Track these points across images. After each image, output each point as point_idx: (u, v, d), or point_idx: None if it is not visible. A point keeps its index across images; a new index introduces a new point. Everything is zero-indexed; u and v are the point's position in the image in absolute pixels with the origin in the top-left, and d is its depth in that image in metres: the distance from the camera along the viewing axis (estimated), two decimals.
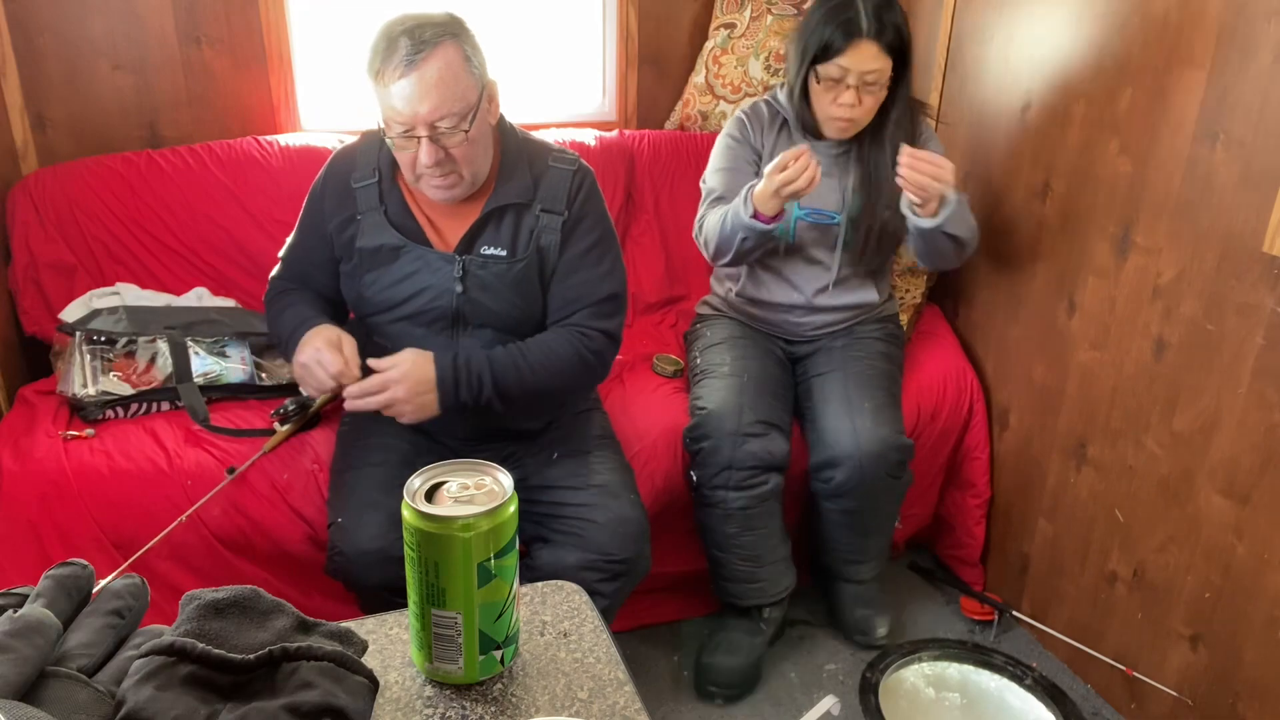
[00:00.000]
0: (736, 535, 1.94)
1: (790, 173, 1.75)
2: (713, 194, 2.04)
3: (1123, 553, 1.94)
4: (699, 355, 2.14)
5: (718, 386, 2.00)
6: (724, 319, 2.19)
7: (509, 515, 0.70)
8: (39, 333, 2.03)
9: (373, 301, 1.69)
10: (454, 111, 1.49)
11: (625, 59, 2.56)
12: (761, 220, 1.85)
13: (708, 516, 1.96)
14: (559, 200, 1.65)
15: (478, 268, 1.63)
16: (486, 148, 1.60)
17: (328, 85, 2.37)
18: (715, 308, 2.25)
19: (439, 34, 1.47)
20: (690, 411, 2.02)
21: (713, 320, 2.21)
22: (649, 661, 2.07)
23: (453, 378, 1.59)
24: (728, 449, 1.90)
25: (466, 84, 1.50)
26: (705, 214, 2.03)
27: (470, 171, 1.57)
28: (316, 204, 1.72)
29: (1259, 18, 1.56)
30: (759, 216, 1.85)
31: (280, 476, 1.75)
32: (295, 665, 0.61)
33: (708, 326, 2.19)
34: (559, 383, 1.68)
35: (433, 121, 1.48)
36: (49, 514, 1.66)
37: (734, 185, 1.99)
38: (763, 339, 2.15)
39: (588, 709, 0.70)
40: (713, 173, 2.08)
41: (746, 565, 1.97)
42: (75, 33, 2.14)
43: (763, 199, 1.82)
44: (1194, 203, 1.71)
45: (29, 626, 0.57)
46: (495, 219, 1.64)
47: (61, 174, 2.07)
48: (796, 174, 1.75)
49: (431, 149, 1.51)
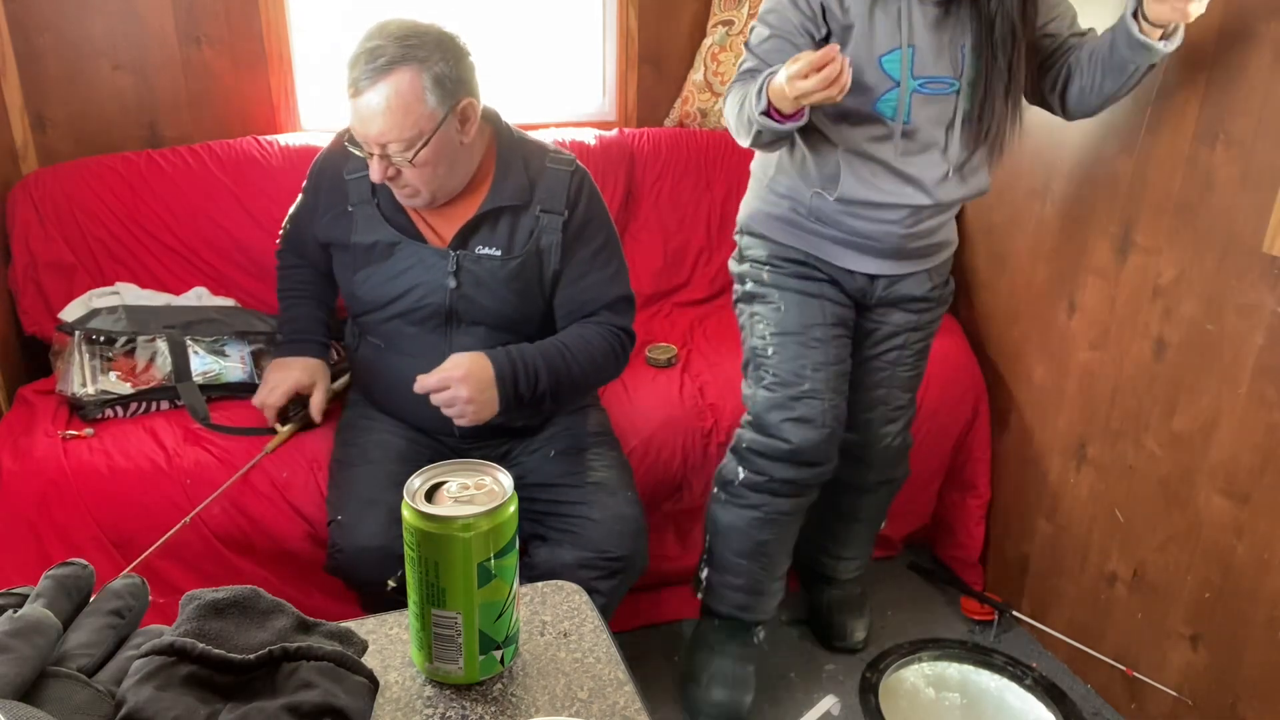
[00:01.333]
0: (768, 544, 1.79)
1: (811, 83, 1.36)
2: (743, 65, 1.62)
3: (1123, 553, 1.94)
4: (771, 317, 1.76)
5: (812, 361, 1.72)
6: (791, 264, 1.76)
7: (509, 515, 0.70)
8: (38, 332, 2.03)
9: (365, 299, 1.69)
10: (400, 139, 1.50)
11: (625, 58, 2.56)
12: (776, 118, 1.48)
13: (738, 519, 1.78)
14: (558, 200, 1.65)
15: (471, 263, 1.63)
16: (452, 166, 1.59)
17: (328, 85, 2.37)
18: (778, 233, 1.77)
19: (398, 59, 1.47)
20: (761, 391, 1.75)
21: (778, 266, 1.77)
22: (649, 661, 2.07)
23: (511, 373, 1.59)
24: (825, 447, 1.72)
25: (419, 113, 1.49)
26: (730, 89, 1.62)
27: (428, 189, 1.59)
28: (313, 191, 1.75)
29: (1259, 18, 1.56)
30: (773, 113, 1.47)
31: (280, 475, 1.75)
32: (295, 665, 0.61)
33: (774, 275, 1.77)
34: (596, 377, 1.72)
35: (382, 143, 1.51)
36: (48, 513, 1.66)
37: (778, 57, 1.54)
38: (833, 299, 1.76)
39: (588, 709, 0.70)
40: (756, 33, 1.63)
41: (763, 576, 1.83)
42: (75, 33, 2.14)
43: (779, 96, 1.44)
44: (1194, 203, 1.71)
45: (29, 626, 0.57)
46: (491, 220, 1.64)
47: (61, 174, 2.07)
48: (820, 84, 1.36)
49: (380, 166, 1.54)
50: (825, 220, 1.70)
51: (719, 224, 2.50)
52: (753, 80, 1.55)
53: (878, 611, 2.22)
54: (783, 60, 1.47)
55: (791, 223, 1.74)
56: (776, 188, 1.75)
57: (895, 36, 1.55)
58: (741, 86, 1.59)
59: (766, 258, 1.78)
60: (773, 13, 1.59)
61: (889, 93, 1.57)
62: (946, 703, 1.93)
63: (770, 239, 1.78)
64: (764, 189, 1.78)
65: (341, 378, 1.92)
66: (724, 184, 2.49)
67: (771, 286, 1.77)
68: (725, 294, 2.55)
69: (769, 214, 1.77)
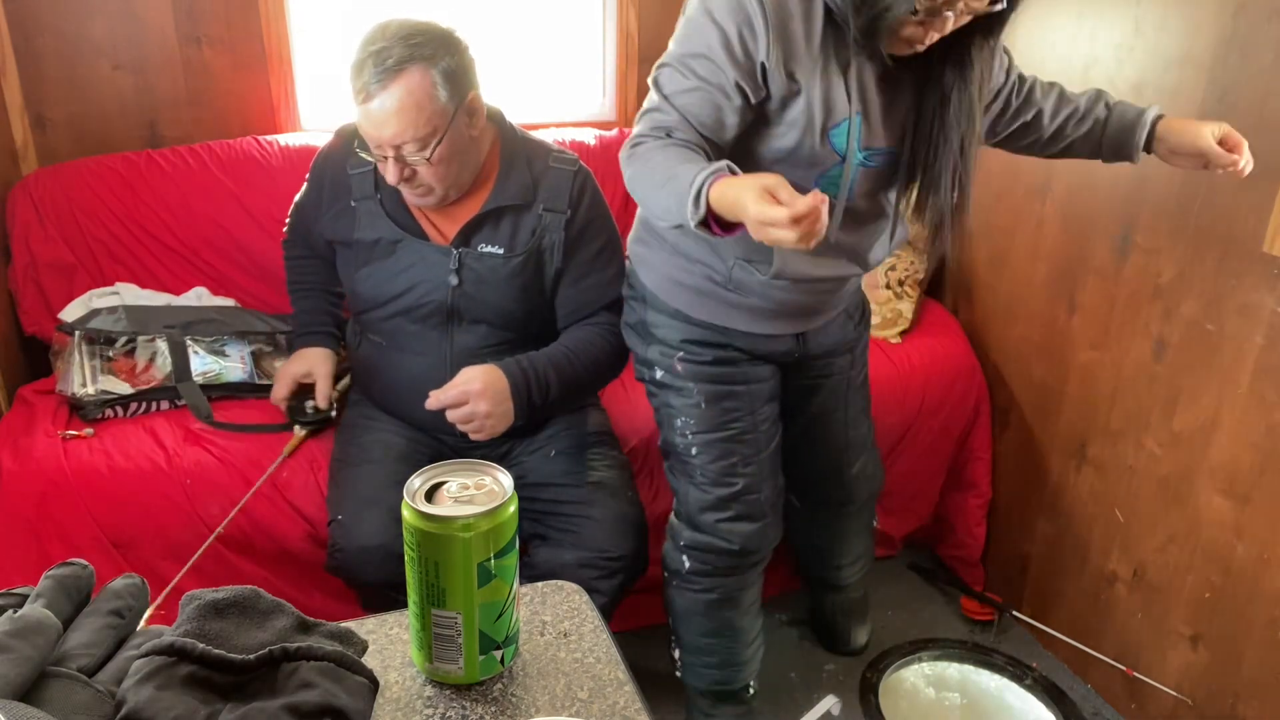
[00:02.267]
0: (731, 618, 1.69)
1: (788, 234, 1.06)
2: (656, 116, 1.30)
3: (1123, 553, 1.94)
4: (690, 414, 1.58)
5: (742, 455, 1.58)
6: (706, 348, 1.55)
7: (509, 515, 0.70)
8: (38, 332, 2.03)
9: (366, 296, 1.69)
10: (415, 138, 1.50)
11: (625, 58, 2.56)
12: (715, 230, 1.18)
13: (694, 603, 1.67)
14: (561, 199, 1.66)
15: (474, 261, 1.64)
16: (464, 161, 1.60)
17: (328, 85, 2.37)
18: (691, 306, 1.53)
19: (406, 59, 1.47)
20: (692, 490, 1.61)
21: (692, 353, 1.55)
22: (649, 661, 2.07)
23: (525, 384, 1.60)
24: (770, 532, 1.64)
25: (431, 110, 1.50)
26: (642, 146, 1.28)
27: (443, 186, 1.59)
28: (316, 185, 1.75)
29: (1259, 18, 1.56)
30: (712, 223, 1.17)
31: (280, 475, 1.75)
32: (295, 665, 0.61)
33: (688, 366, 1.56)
34: (599, 378, 1.75)
35: (396, 144, 1.51)
36: (48, 513, 1.66)
37: (704, 113, 1.28)
38: (756, 379, 1.60)
39: (588, 709, 0.70)
40: (672, 78, 1.31)
41: (735, 648, 1.72)
42: (75, 33, 2.14)
43: (729, 207, 1.13)
44: (1194, 203, 1.71)
45: (29, 626, 0.57)
46: (494, 219, 1.64)
47: (61, 174, 2.07)
48: (798, 240, 1.07)
49: (396, 168, 1.54)
50: (747, 291, 1.49)
51: None
52: (672, 148, 1.25)
53: (878, 611, 2.22)
54: (709, 118, 1.27)
55: (706, 294, 1.52)
56: (689, 251, 1.50)
57: (844, 105, 1.32)
58: (656, 151, 1.26)
59: (678, 341, 1.56)
60: (700, 59, 1.28)
61: (833, 168, 1.36)
62: (946, 703, 1.93)
63: (681, 315, 1.55)
64: (670, 250, 1.52)
65: (344, 378, 1.92)
66: None
67: (686, 379, 1.57)
68: None
69: (679, 282, 1.53)
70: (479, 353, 1.66)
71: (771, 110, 1.32)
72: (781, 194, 1.07)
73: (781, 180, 1.09)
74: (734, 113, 1.29)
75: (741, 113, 1.30)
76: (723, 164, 1.16)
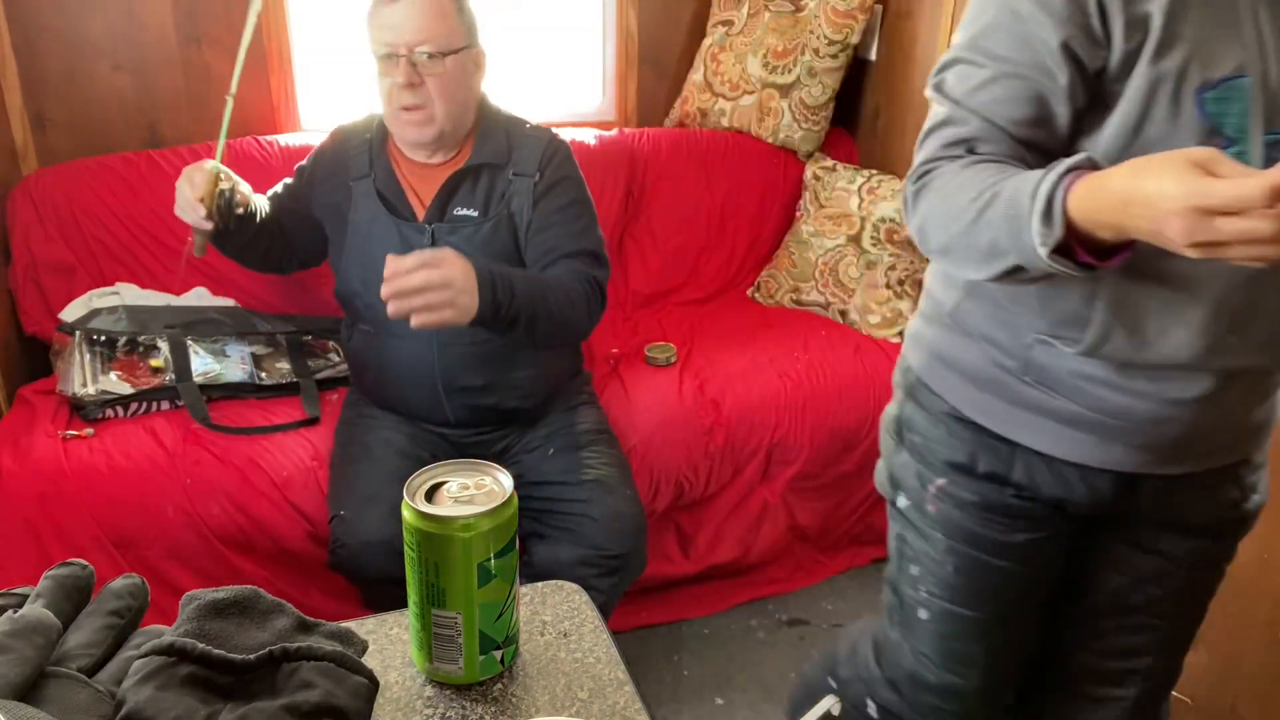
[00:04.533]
0: None
1: (1264, 225, 0.68)
2: (958, 130, 0.93)
3: None
4: (932, 570, 1.13)
5: (986, 646, 1.15)
6: (976, 480, 1.07)
7: (509, 515, 0.70)
8: (39, 332, 2.04)
9: (352, 280, 1.73)
10: (434, 40, 1.56)
11: (625, 58, 2.56)
12: (1083, 258, 0.82)
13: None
14: (530, 163, 1.69)
15: (447, 234, 1.66)
16: (466, 101, 1.65)
17: (328, 85, 2.37)
18: (962, 399, 1.07)
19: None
20: (908, 655, 1.21)
21: (956, 481, 1.08)
22: (649, 661, 2.07)
23: (489, 278, 1.50)
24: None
25: (453, 24, 1.59)
26: (933, 173, 0.94)
27: (443, 110, 1.61)
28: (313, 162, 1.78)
29: None
30: (1076, 247, 0.81)
31: (280, 473, 1.75)
32: (295, 665, 0.61)
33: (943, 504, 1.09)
34: (567, 313, 1.63)
35: (413, 45, 1.56)
36: (48, 513, 1.66)
37: (1016, 109, 0.90)
38: (1037, 552, 1.10)
39: (588, 709, 0.70)
40: (962, 75, 0.93)
41: None
42: (75, 33, 2.14)
43: (1110, 210, 0.77)
44: None
45: (29, 626, 0.57)
46: (471, 178, 1.69)
47: (61, 174, 2.07)
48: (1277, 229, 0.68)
49: (407, 69, 1.57)
50: (1052, 385, 1.00)
51: (718, 224, 2.50)
52: (982, 166, 0.90)
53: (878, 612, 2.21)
54: (1027, 111, 0.89)
55: (989, 383, 1.04)
56: (967, 320, 1.05)
57: (1233, 51, 0.85)
58: (957, 175, 0.90)
59: (941, 464, 1.08)
60: (998, 32, 0.90)
61: None
62: None
63: (952, 416, 1.07)
64: (947, 322, 1.08)
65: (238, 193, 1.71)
66: (724, 184, 2.49)
67: (937, 523, 1.10)
68: (725, 293, 2.55)
69: (951, 363, 1.07)
70: (464, 332, 1.64)
71: (1110, 79, 0.88)
72: (1223, 169, 0.71)
73: (1217, 153, 0.73)
74: (1062, 96, 0.89)
75: (1072, 93, 0.88)
76: (1081, 156, 0.82)
